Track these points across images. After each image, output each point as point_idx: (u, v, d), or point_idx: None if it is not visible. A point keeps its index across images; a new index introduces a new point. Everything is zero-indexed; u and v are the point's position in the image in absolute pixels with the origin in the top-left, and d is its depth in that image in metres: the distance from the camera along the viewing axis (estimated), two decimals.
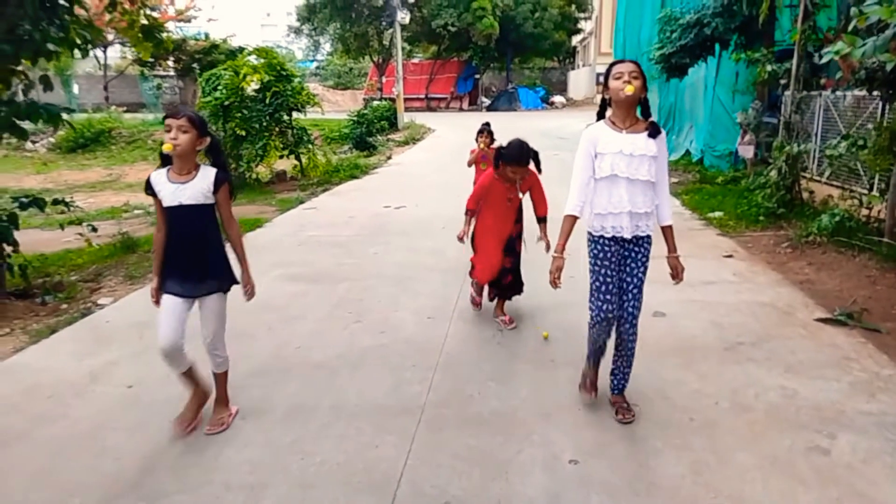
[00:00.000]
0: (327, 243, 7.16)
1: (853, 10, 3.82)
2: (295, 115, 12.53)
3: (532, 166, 4.33)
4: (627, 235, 3.05)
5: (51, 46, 5.16)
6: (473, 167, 6.64)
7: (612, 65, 3.01)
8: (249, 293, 3.24)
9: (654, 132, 3.01)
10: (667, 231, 3.16)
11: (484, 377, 3.76)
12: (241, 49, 34.56)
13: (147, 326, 4.68)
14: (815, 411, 3.29)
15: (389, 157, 16.35)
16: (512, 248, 4.51)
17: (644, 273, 3.12)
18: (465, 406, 3.42)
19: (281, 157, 12.65)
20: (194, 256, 3.04)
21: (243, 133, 11.59)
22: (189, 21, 34.85)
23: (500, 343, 4.24)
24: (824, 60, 4.22)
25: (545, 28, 37.83)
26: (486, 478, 2.78)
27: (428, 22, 35.34)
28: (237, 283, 3.20)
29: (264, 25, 66.77)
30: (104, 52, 30.46)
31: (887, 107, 6.21)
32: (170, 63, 35.92)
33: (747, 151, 9.77)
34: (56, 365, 4.04)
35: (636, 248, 3.11)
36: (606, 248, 3.08)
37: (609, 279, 3.08)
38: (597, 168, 3.03)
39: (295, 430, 3.20)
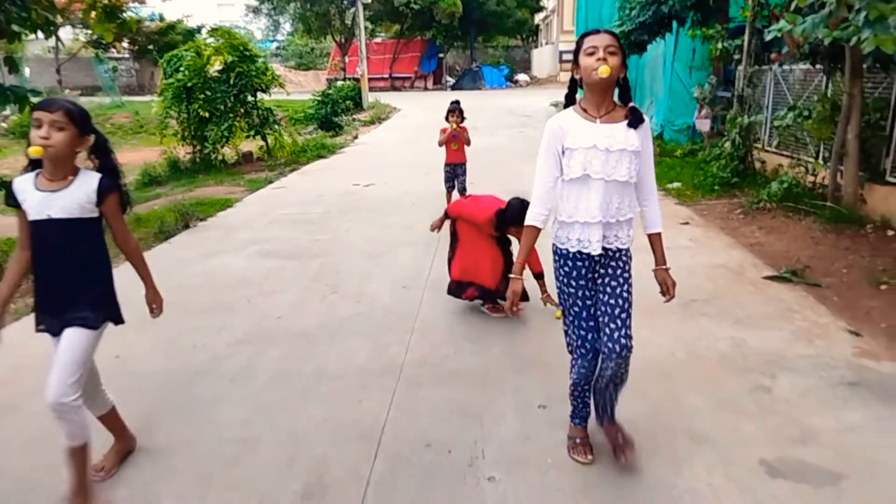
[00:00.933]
0: (299, 221, 7.28)
1: None
2: (260, 95, 12.50)
3: None
4: (595, 251, 2.46)
5: (15, 28, 5.14)
6: (444, 147, 6.80)
7: (583, 36, 2.38)
8: (157, 310, 2.74)
9: (635, 121, 2.41)
10: (654, 240, 2.61)
11: (458, 338, 3.99)
12: (199, 29, 34.03)
13: (127, 304, 4.80)
14: (760, 357, 3.61)
15: (356, 137, 16.39)
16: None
17: (629, 292, 2.52)
18: (441, 364, 3.66)
19: (247, 137, 12.62)
20: (63, 283, 2.43)
21: (207, 115, 11.53)
22: (143, 2, 33.91)
23: (472, 308, 4.47)
24: (769, 38, 4.50)
25: (508, 6, 37.93)
26: (463, 424, 3.02)
27: (390, 0, 35.08)
28: (115, 319, 2.62)
29: (221, 5, 65.12)
30: (55, 33, 29.52)
31: (829, 79, 6.58)
32: (125, 45, 35.07)
33: (704, 125, 10.15)
34: (40, 342, 4.14)
35: (612, 263, 2.52)
36: (578, 263, 2.51)
37: (587, 300, 2.53)
38: (565, 167, 2.44)
39: (281, 391, 3.40)
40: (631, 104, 2.48)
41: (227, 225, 7.32)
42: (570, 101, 2.55)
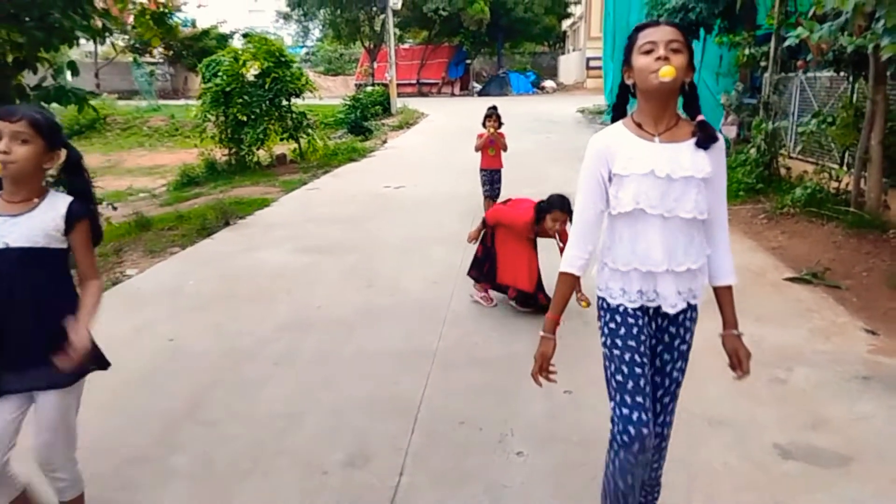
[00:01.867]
0: (333, 219, 7.57)
1: None
2: (293, 100, 12.88)
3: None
4: (670, 308, 1.93)
5: (79, 33, 5.51)
6: (480, 152, 6.83)
7: (637, 30, 1.87)
8: (78, 348, 1.94)
9: (705, 139, 1.86)
10: (723, 295, 2.03)
11: (486, 329, 4.22)
12: (232, 35, 34.84)
13: (177, 292, 5.13)
14: (778, 351, 3.77)
15: (385, 141, 16.71)
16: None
17: (682, 370, 2.06)
18: (471, 351, 3.89)
19: (281, 140, 13.02)
20: (23, 329, 2.00)
21: (245, 118, 11.94)
22: (180, 8, 34.84)
23: (498, 303, 4.69)
24: (787, 44, 4.67)
25: (535, 13, 38.08)
26: (494, 404, 3.24)
27: (419, 7, 35.48)
28: (100, 365, 2.22)
29: (252, 11, 66.34)
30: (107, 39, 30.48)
31: (854, 86, 6.68)
32: (159, 50, 36.02)
33: (730, 132, 10.23)
34: (100, 323, 4.46)
35: (674, 328, 2.00)
36: (631, 323, 1.94)
37: (639, 369, 1.92)
38: (612, 199, 1.91)
39: (322, 372, 3.65)
40: (700, 117, 1.89)
41: (265, 223, 7.64)
42: (619, 113, 1.99)
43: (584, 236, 1.96)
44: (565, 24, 45.50)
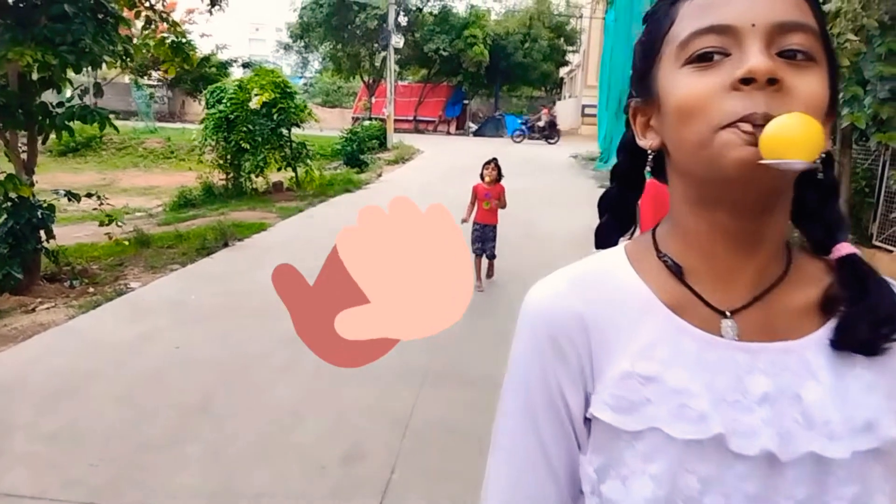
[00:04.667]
0: (331, 246, 7.88)
1: None
2: (294, 130, 13.34)
3: None
4: None
5: (106, 58, 5.91)
6: (475, 205, 5.89)
7: (655, 11, 0.63)
8: None
9: (872, 326, 0.57)
10: None
11: (474, 352, 4.53)
12: (231, 62, 35.54)
13: (180, 305, 5.41)
14: None
15: (380, 175, 17.17)
16: None
17: None
18: (459, 370, 4.21)
19: (279, 168, 13.42)
20: None
21: (247, 146, 12.34)
22: (185, 36, 35.56)
23: (490, 329, 5.02)
24: None
25: (534, 59, 39.25)
26: (478, 417, 3.53)
27: (420, 46, 36.52)
28: None
29: (252, 40, 67.67)
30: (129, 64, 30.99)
31: None
32: (158, 74, 36.57)
33: None
34: (109, 329, 4.75)
35: None
36: None
37: None
38: (590, 474, 0.63)
39: (324, 381, 3.94)
40: (848, 250, 0.63)
41: (264, 245, 7.96)
42: (617, 220, 0.77)
43: None
44: (563, 71, 46.84)
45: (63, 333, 4.63)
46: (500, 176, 5.87)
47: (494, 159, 5.95)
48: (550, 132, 29.72)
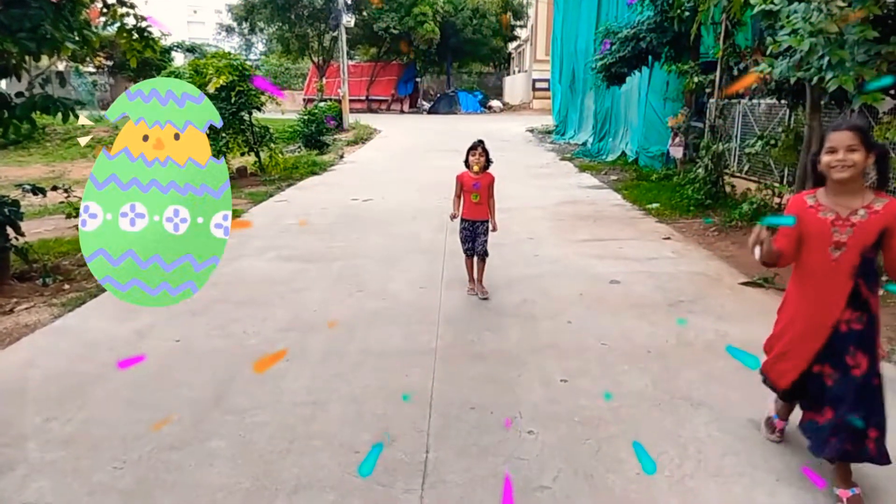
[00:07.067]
0: (309, 230, 7.77)
1: (767, 38, 4.84)
2: (254, 113, 12.97)
3: None
4: None
5: (69, 45, 5.60)
6: (462, 199, 5.13)
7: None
8: None
9: None
10: None
11: (479, 328, 4.54)
12: (173, 47, 34.22)
13: None
14: (742, 344, 4.18)
15: (342, 156, 16.90)
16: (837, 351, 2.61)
17: None
18: (468, 348, 4.20)
19: (242, 154, 13.06)
20: None
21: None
22: (122, 19, 34.00)
23: (486, 305, 5.03)
24: (751, 76, 5.24)
25: (484, 34, 39.08)
26: (498, 392, 3.56)
27: (369, 25, 35.90)
28: None
29: (191, 23, 65.33)
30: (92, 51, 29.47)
31: (793, 113, 7.40)
32: (101, 60, 34.98)
33: (677, 152, 10.98)
34: (101, 326, 4.58)
35: None
36: None
37: None
38: None
39: (334, 367, 3.89)
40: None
41: (240, 233, 7.73)
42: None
43: None
44: (511, 46, 46.78)
45: (53, 334, 4.44)
46: (488, 163, 5.01)
47: (481, 142, 5.03)
48: None
